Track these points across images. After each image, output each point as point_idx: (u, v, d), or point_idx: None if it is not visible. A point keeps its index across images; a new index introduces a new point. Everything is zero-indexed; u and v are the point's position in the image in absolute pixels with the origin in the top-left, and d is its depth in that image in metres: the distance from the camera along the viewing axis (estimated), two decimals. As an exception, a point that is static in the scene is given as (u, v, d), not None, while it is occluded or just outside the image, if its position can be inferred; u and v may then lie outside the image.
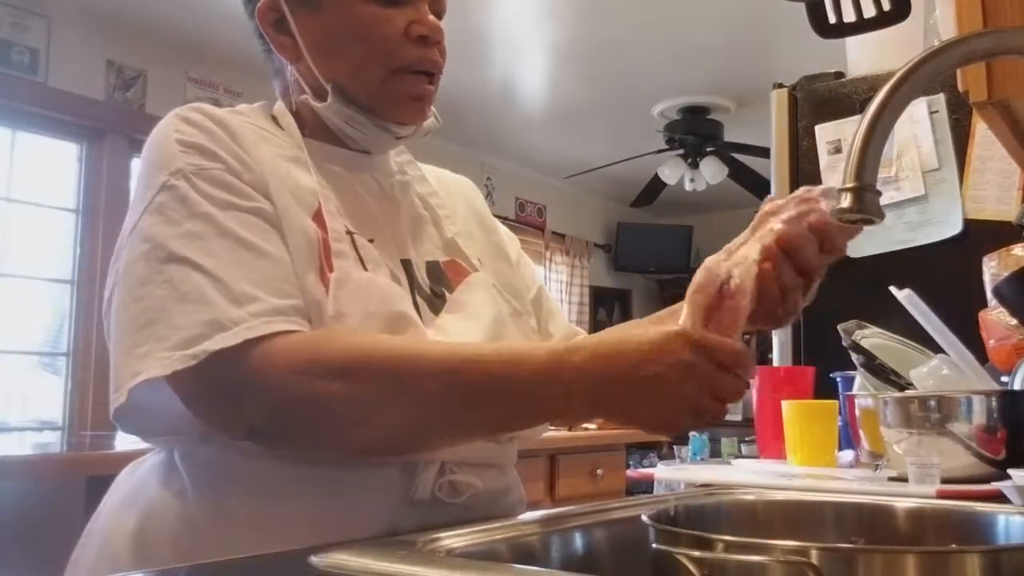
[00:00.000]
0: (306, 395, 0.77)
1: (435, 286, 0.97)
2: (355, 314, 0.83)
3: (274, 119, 0.99)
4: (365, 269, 0.88)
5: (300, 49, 0.95)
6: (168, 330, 0.78)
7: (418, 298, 0.93)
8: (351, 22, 0.93)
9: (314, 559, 0.63)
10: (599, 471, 3.24)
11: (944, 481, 1.07)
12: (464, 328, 0.93)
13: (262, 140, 0.92)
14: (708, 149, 5.17)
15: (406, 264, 0.95)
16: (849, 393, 1.45)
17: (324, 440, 0.81)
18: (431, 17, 0.95)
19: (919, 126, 2.05)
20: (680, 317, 0.76)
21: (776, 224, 0.82)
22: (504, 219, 6.11)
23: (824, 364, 1.64)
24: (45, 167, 3.67)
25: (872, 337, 1.37)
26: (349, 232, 0.90)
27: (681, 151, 5.21)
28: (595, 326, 6.62)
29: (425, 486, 0.86)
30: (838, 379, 1.58)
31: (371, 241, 0.92)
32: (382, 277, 0.89)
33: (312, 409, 0.79)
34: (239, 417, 0.80)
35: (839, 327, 1.41)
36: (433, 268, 0.98)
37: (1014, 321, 1.32)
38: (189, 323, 0.77)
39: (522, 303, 1.05)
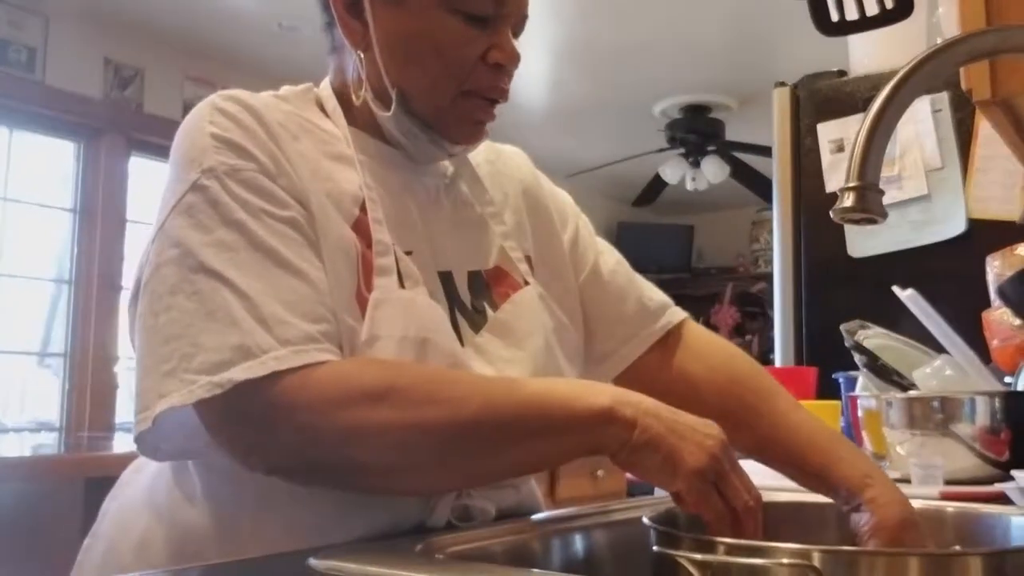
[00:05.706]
0: (339, 424, 0.73)
1: (476, 300, 0.91)
2: (391, 338, 0.79)
3: (319, 105, 0.93)
4: (402, 286, 0.83)
5: (370, 39, 0.88)
6: (193, 348, 0.73)
7: (458, 315, 0.88)
8: (433, 32, 0.86)
9: (313, 561, 0.63)
10: (600, 472, 3.24)
11: (947, 482, 1.07)
12: (506, 356, 0.88)
13: (304, 133, 0.87)
14: (710, 148, 5.16)
15: (445, 277, 0.90)
16: (852, 394, 1.44)
17: (350, 476, 0.77)
18: (512, 45, 0.89)
19: (922, 125, 2.04)
20: None
21: None
22: (504, 219, 6.03)
23: (827, 364, 1.64)
24: (42, 166, 3.66)
25: (875, 337, 1.36)
26: (392, 245, 0.85)
27: (682, 150, 5.20)
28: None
29: (442, 513, 0.82)
30: (841, 380, 1.58)
31: (408, 253, 0.86)
32: (421, 296, 0.83)
33: (344, 439, 0.73)
34: (262, 450, 0.75)
35: (842, 327, 1.41)
36: (475, 279, 0.92)
37: (1018, 321, 1.32)
38: (216, 345, 0.73)
39: (570, 310, 1.00)
